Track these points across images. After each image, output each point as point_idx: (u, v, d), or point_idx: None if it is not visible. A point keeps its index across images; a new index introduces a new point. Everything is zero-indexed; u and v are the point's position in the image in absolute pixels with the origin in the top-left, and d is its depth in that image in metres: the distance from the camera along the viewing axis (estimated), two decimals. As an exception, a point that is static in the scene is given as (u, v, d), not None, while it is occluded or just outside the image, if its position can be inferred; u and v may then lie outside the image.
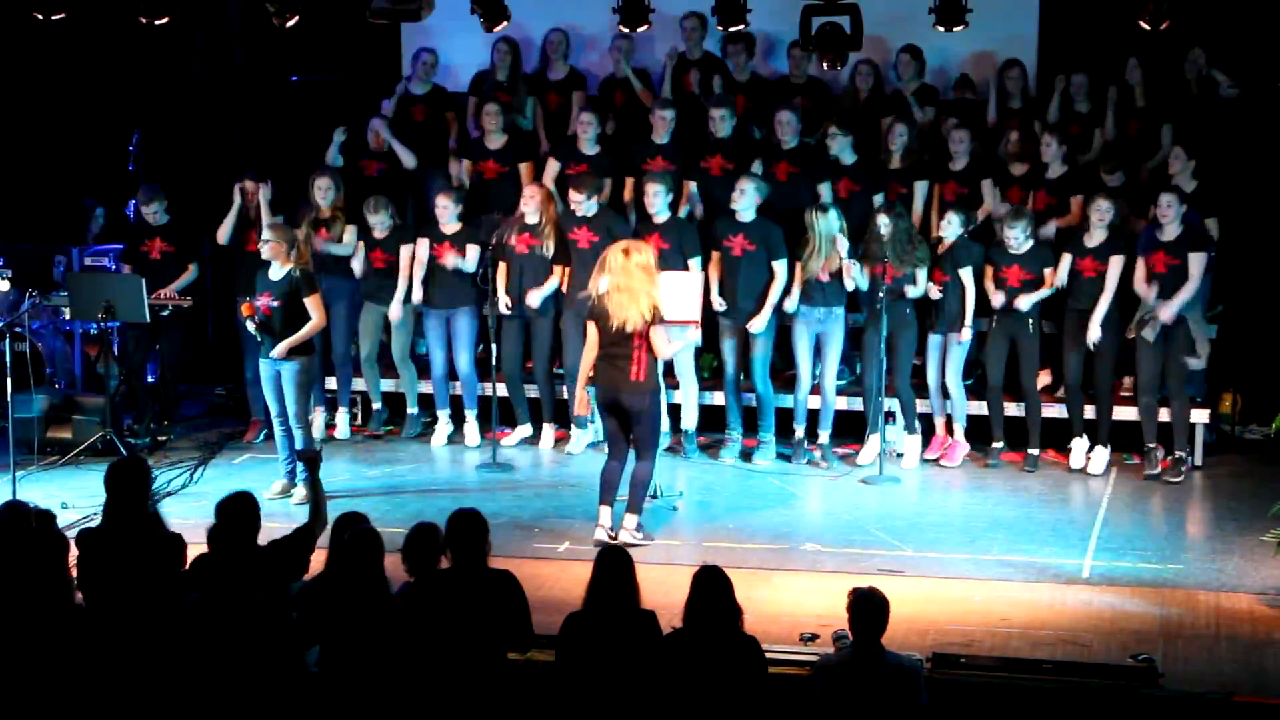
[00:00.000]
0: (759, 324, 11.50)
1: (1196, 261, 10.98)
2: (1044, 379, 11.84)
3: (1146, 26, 11.39)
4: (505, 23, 12.30)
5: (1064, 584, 9.17)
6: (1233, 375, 11.92)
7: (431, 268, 11.99)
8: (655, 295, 9.72)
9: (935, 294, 11.32)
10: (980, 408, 11.63)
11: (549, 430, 12.16)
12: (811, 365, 11.59)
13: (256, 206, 12.07)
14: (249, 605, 6.80)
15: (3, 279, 12.81)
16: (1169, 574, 9.35)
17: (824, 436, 11.68)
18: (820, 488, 11.21)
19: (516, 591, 7.17)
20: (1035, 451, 11.51)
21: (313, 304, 10.57)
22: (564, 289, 11.82)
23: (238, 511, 7.28)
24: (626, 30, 12.27)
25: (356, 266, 12.13)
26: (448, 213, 11.94)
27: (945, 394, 11.55)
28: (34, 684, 6.79)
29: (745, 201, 11.40)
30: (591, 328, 9.92)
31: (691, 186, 12.15)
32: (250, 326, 10.56)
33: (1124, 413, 11.51)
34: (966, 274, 11.29)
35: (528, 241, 11.74)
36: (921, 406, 11.69)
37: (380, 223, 12.02)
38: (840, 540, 9.98)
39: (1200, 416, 11.47)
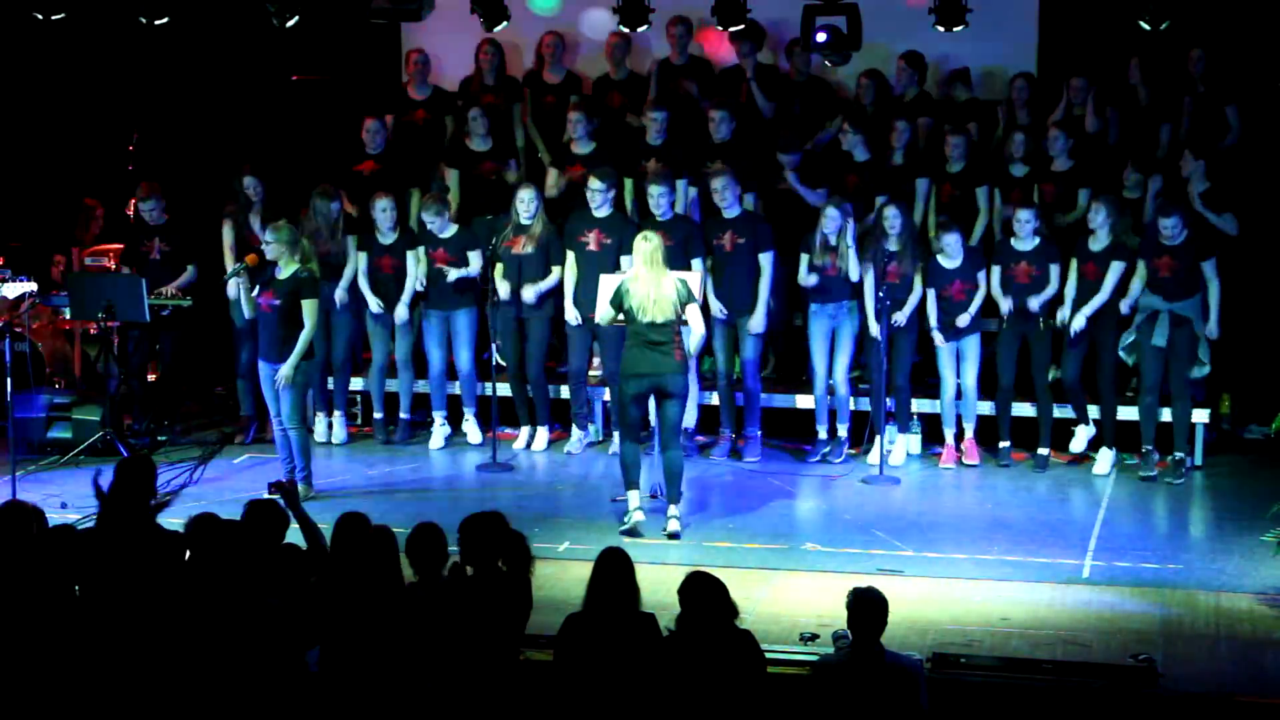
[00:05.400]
0: (757, 324, 11.50)
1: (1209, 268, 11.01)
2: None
3: (1146, 27, 11.39)
4: (505, 23, 12.29)
5: (1064, 584, 9.16)
6: (1232, 376, 11.91)
7: (429, 270, 11.95)
8: (676, 278, 9.86)
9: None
10: (985, 407, 11.62)
11: (544, 432, 12.13)
12: (827, 363, 11.57)
13: (248, 217, 12.08)
14: (249, 605, 6.80)
15: (19, 281, 12.79)
16: (1169, 574, 9.34)
17: (842, 431, 11.67)
18: (820, 488, 11.20)
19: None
20: (1045, 452, 11.51)
21: (308, 308, 10.50)
22: (566, 289, 11.72)
23: (263, 517, 7.35)
24: (626, 30, 12.26)
25: (361, 282, 12.07)
26: (440, 220, 11.88)
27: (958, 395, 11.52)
28: (35, 681, 6.79)
29: (728, 197, 11.42)
30: (619, 315, 9.98)
31: (691, 191, 12.14)
32: (233, 288, 10.52)
33: (1125, 412, 11.50)
34: (981, 276, 11.31)
35: (522, 243, 11.71)
36: (928, 407, 11.72)
37: (388, 226, 11.97)
38: (840, 540, 9.98)
39: (1200, 416, 11.46)
